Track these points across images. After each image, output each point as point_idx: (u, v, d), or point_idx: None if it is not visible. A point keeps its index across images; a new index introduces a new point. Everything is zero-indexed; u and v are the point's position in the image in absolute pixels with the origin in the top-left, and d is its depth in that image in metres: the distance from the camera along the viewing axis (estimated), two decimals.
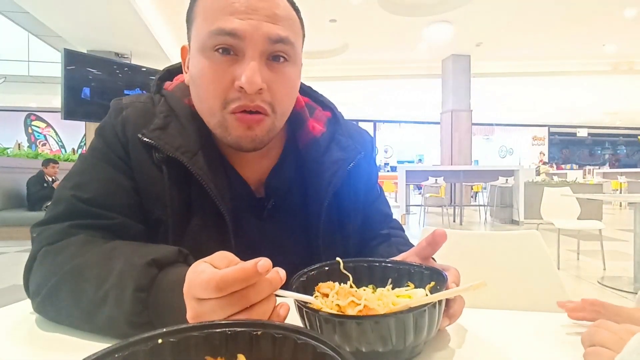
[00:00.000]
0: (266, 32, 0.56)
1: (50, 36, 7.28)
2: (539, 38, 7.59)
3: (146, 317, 0.44)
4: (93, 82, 6.21)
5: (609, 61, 8.85)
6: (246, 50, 0.56)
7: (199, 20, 0.58)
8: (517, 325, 0.53)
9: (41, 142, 14.19)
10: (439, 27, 7.07)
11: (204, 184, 0.59)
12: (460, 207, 7.49)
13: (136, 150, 0.62)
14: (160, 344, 0.28)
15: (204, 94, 0.59)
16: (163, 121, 0.63)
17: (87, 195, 0.58)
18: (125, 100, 0.68)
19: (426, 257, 0.52)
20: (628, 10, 6.42)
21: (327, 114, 0.75)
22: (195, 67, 0.59)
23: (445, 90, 8.84)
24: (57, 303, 0.50)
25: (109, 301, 0.45)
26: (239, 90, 0.56)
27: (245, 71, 0.55)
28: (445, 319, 0.44)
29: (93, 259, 0.51)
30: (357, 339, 0.36)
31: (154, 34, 6.48)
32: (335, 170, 0.67)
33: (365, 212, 0.74)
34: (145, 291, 0.45)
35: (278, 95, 0.59)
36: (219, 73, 0.56)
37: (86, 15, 5.94)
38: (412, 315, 0.37)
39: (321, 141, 0.70)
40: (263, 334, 0.30)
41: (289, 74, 0.60)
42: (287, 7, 0.60)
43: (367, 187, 0.76)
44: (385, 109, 14.75)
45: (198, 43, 0.58)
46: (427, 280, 0.47)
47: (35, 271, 0.54)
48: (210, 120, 0.60)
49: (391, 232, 0.75)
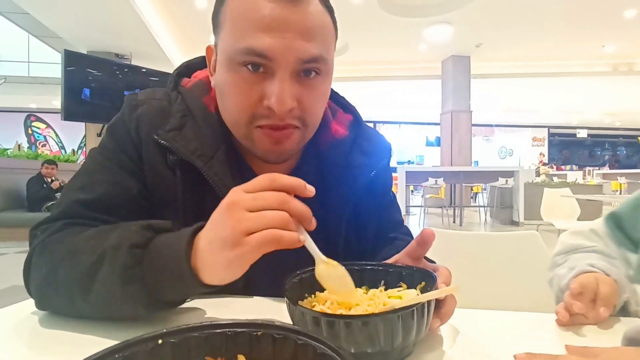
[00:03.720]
0: (298, 52, 0.53)
1: (50, 37, 7.29)
2: (538, 39, 7.59)
3: (139, 273, 0.44)
4: (93, 83, 6.21)
5: (608, 62, 8.85)
6: (276, 70, 0.54)
7: (227, 28, 0.55)
8: (511, 326, 0.53)
9: (41, 143, 14.19)
10: (439, 28, 7.08)
11: (217, 190, 0.58)
12: (460, 208, 7.49)
13: (149, 151, 0.60)
14: (160, 345, 0.28)
15: (231, 106, 0.57)
16: (179, 121, 0.61)
17: (90, 197, 0.58)
18: (141, 96, 0.65)
19: (418, 258, 0.52)
20: (628, 12, 6.43)
21: (348, 116, 0.73)
22: (222, 77, 0.57)
23: (445, 91, 8.84)
24: (56, 282, 0.49)
25: (105, 261, 0.46)
26: (267, 109, 0.55)
27: (276, 92, 0.53)
28: (437, 319, 0.43)
29: (89, 234, 0.51)
30: (346, 339, 0.36)
31: (154, 34, 6.49)
32: (357, 176, 0.66)
33: (379, 218, 0.73)
34: (141, 248, 0.45)
35: (309, 108, 0.58)
36: (247, 89, 0.55)
37: (86, 16, 5.95)
38: (399, 315, 0.37)
39: (344, 144, 0.69)
40: (263, 334, 0.30)
41: (320, 87, 0.59)
42: (320, 12, 0.56)
43: (383, 192, 0.75)
44: (385, 109, 14.75)
45: (226, 54, 0.55)
46: (417, 282, 0.48)
47: (34, 264, 0.54)
48: (237, 131, 0.59)
49: (398, 236, 0.75)
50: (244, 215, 0.40)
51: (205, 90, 0.65)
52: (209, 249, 0.42)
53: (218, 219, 0.43)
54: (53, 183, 5.37)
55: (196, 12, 6.33)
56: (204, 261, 0.42)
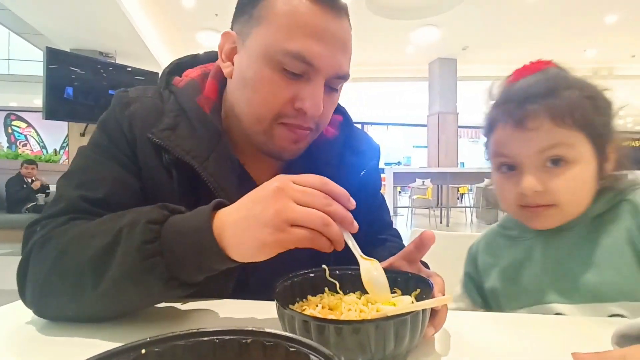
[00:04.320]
0: (337, 66, 0.57)
1: (31, 34, 7.12)
2: (522, 44, 7.74)
3: (158, 247, 0.44)
4: (76, 81, 6.07)
5: (589, 66, 9.08)
6: (313, 77, 0.56)
7: (270, 25, 0.56)
8: (504, 327, 0.52)
9: (22, 143, 13.80)
10: (426, 30, 7.16)
11: (213, 190, 0.58)
12: (447, 208, 7.57)
13: (144, 149, 0.60)
14: (143, 355, 0.27)
15: (258, 101, 0.58)
16: (173, 121, 0.60)
17: (96, 196, 0.56)
18: (132, 93, 0.65)
19: (414, 261, 0.52)
20: (608, 18, 6.61)
21: (338, 117, 0.74)
22: (253, 72, 0.57)
23: (432, 93, 8.94)
24: (63, 272, 0.47)
25: (122, 239, 0.45)
26: (297, 109, 0.57)
27: (312, 98, 0.56)
28: (431, 327, 0.43)
29: (99, 220, 0.51)
30: (336, 345, 0.35)
31: (140, 33, 6.38)
32: (348, 175, 0.67)
33: (370, 219, 0.73)
34: (158, 224, 0.45)
35: (324, 115, 0.61)
36: (282, 87, 0.56)
37: (69, 13, 5.81)
38: (392, 322, 0.36)
39: (334, 144, 0.70)
40: (253, 342, 0.29)
41: (336, 97, 0.64)
42: (349, 29, 0.60)
43: (373, 193, 0.76)
44: (373, 111, 14.82)
45: (264, 50, 0.56)
46: (412, 288, 0.47)
47: (33, 259, 0.50)
48: (255, 126, 0.60)
49: (388, 237, 0.75)
50: (291, 205, 0.41)
51: (198, 90, 0.64)
52: (244, 225, 0.42)
53: (259, 200, 0.43)
54: (34, 183, 5.24)
55: (183, 11, 6.26)
56: (233, 236, 0.43)
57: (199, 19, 6.63)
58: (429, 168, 8.43)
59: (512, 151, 0.61)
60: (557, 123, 0.57)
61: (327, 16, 0.55)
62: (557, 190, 0.58)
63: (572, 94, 0.58)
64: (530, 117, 0.58)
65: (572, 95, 0.58)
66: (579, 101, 0.58)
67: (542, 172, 0.59)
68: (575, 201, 0.60)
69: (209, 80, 0.66)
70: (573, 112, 0.57)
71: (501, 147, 0.63)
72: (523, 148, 0.60)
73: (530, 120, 0.58)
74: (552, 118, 0.57)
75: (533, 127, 0.58)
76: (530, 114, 0.58)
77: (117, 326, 0.48)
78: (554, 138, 0.58)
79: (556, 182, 0.58)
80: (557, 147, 0.58)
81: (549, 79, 0.61)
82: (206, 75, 0.68)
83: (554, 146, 0.58)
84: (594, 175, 0.60)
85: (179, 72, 0.69)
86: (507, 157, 0.63)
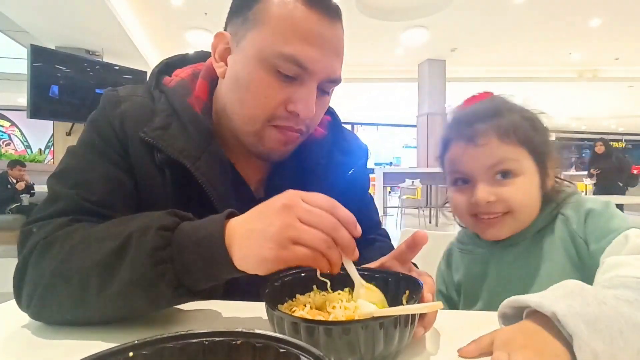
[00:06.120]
0: (331, 70, 0.58)
1: (15, 31, 6.95)
2: (510, 46, 7.84)
3: (169, 254, 0.44)
4: (62, 79, 5.95)
5: (575, 69, 9.24)
6: (306, 80, 0.57)
7: (265, 28, 0.56)
8: (494, 326, 0.53)
9: (5, 142, 13.49)
10: (415, 32, 7.20)
11: (206, 190, 0.58)
12: (436, 208, 7.63)
13: (136, 148, 0.59)
14: (130, 358, 0.26)
15: (252, 102, 0.58)
16: (165, 120, 0.60)
17: (95, 196, 0.55)
18: (122, 92, 0.64)
19: (405, 261, 0.52)
20: (593, 21, 6.75)
21: (327, 117, 0.74)
22: (247, 73, 0.57)
23: (422, 94, 9.00)
24: (68, 276, 0.46)
25: (132, 244, 0.44)
26: (289, 111, 0.58)
27: (305, 100, 0.57)
28: (420, 327, 0.43)
29: (107, 224, 0.50)
30: (325, 346, 0.35)
31: (128, 31, 6.28)
32: (336, 174, 0.68)
33: (359, 219, 0.73)
34: (169, 230, 0.45)
35: (315, 118, 0.62)
36: (275, 90, 0.57)
37: (55, 10, 5.69)
38: (381, 323, 0.36)
39: (323, 144, 0.70)
40: (243, 343, 0.28)
41: (327, 101, 0.65)
42: (342, 32, 0.61)
43: (361, 193, 0.77)
44: (363, 111, 14.87)
45: (259, 52, 0.56)
46: (403, 289, 0.47)
47: (32, 263, 0.49)
48: (246, 127, 0.60)
49: (377, 237, 0.76)
50: (296, 223, 0.41)
51: (188, 90, 0.64)
52: (249, 238, 0.42)
53: (267, 214, 0.43)
54: (18, 184, 5.12)
55: (172, 9, 6.19)
56: (240, 248, 0.43)
57: (188, 18, 6.56)
58: (419, 168, 8.48)
59: (465, 166, 0.67)
60: (503, 140, 0.64)
61: (322, 21, 0.56)
62: (508, 197, 0.64)
63: (514, 115, 0.66)
64: (479, 135, 0.65)
65: (514, 117, 0.66)
66: (519, 122, 0.66)
67: (493, 184, 0.65)
68: (526, 206, 0.66)
69: (199, 80, 0.66)
70: (516, 131, 0.65)
71: (456, 163, 0.69)
72: (475, 163, 0.66)
73: (480, 137, 0.65)
74: (498, 136, 0.64)
75: (482, 143, 0.65)
76: (479, 132, 0.65)
77: (106, 328, 0.47)
78: (501, 153, 0.64)
79: (507, 190, 0.64)
80: (504, 161, 0.64)
81: (495, 103, 0.69)
82: (196, 75, 0.67)
83: (501, 161, 0.64)
84: (538, 187, 0.67)
85: (169, 71, 0.69)
86: (461, 172, 0.68)
